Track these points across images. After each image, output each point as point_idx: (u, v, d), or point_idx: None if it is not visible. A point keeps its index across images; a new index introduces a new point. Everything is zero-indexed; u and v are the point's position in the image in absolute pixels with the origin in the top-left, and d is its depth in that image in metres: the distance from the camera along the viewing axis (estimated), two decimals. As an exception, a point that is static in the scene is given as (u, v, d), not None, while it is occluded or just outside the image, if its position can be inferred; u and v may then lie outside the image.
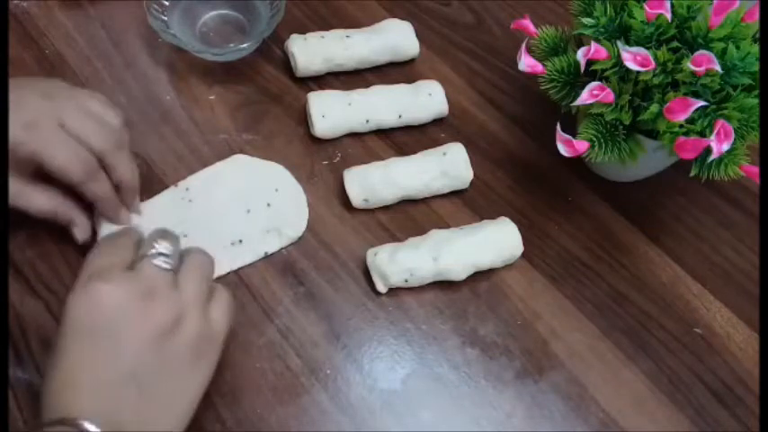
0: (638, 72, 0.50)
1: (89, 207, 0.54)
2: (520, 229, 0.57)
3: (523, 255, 0.58)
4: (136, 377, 0.41)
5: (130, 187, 0.54)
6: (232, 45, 0.66)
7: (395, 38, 0.68)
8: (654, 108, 0.50)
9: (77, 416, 0.38)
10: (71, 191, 0.52)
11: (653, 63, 0.49)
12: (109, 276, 0.42)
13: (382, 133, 0.65)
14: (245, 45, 0.65)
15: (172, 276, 0.44)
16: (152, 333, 0.41)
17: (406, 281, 0.55)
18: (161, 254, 0.44)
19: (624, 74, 0.52)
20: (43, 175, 0.50)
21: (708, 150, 0.48)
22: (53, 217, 0.53)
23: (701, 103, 0.48)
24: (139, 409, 0.41)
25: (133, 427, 0.40)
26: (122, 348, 0.41)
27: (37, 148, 0.48)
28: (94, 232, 0.55)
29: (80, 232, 0.54)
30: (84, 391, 0.40)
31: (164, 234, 0.45)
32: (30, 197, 0.51)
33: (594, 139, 0.52)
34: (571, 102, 0.53)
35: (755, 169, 0.50)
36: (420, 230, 0.58)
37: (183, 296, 0.43)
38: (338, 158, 0.63)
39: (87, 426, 0.38)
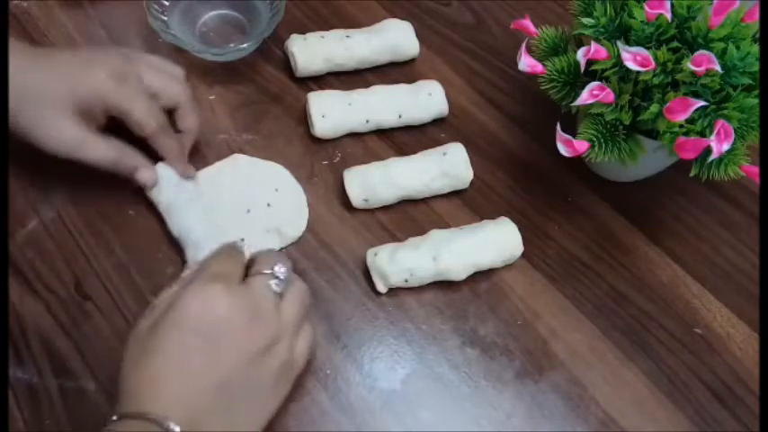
0: (638, 72, 0.50)
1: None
2: (520, 229, 0.57)
3: (523, 255, 0.58)
4: (227, 389, 0.41)
5: (194, 134, 0.58)
6: (232, 45, 0.66)
7: (395, 38, 0.68)
8: (654, 108, 0.50)
9: (164, 415, 0.38)
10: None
11: (653, 63, 0.49)
12: (228, 285, 0.43)
13: (382, 133, 0.65)
14: (245, 45, 0.65)
15: (278, 300, 0.45)
16: (250, 350, 0.42)
17: (406, 281, 0.55)
18: (276, 277, 0.45)
19: (624, 74, 0.52)
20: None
21: (708, 150, 0.48)
22: (114, 166, 0.54)
23: (701, 103, 0.48)
24: (222, 420, 0.41)
25: None
26: (222, 359, 0.41)
27: (124, 100, 0.53)
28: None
29: (147, 174, 0.56)
30: (175, 391, 0.40)
31: (281, 258, 0.47)
32: (91, 147, 0.53)
33: (594, 139, 0.52)
34: (571, 102, 0.53)
35: (755, 169, 0.50)
36: (420, 230, 0.58)
37: (282, 322, 0.45)
38: (338, 158, 0.63)
39: (173, 427, 0.38)
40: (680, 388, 0.53)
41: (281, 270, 0.46)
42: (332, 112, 0.62)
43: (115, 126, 0.55)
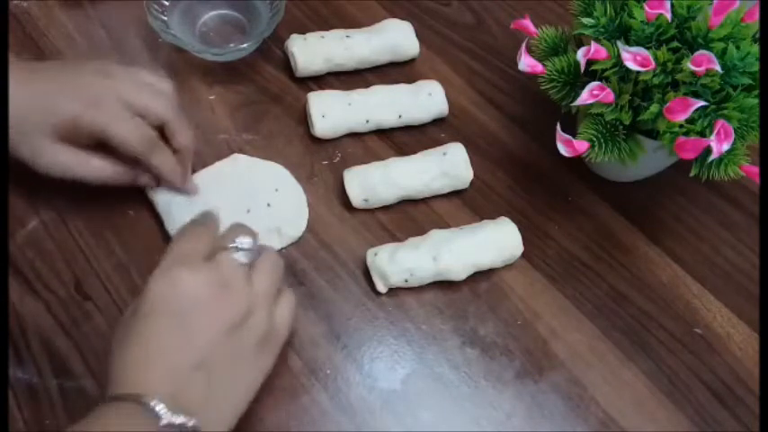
0: (638, 72, 0.50)
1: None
2: (520, 229, 0.57)
3: (523, 255, 0.58)
4: (206, 364, 0.42)
5: (190, 151, 0.56)
6: (232, 45, 0.66)
7: (395, 38, 0.68)
8: (654, 108, 0.50)
9: (147, 394, 0.39)
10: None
11: (653, 63, 0.49)
12: (191, 264, 0.44)
13: (382, 133, 0.65)
14: (245, 45, 0.65)
15: (247, 271, 0.45)
16: (224, 324, 0.43)
17: (406, 281, 0.55)
18: (241, 249, 0.46)
19: (624, 74, 0.52)
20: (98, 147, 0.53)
21: (708, 150, 0.48)
22: (113, 181, 0.54)
23: (701, 103, 0.48)
24: (205, 394, 0.42)
25: (197, 411, 0.41)
26: (196, 335, 0.42)
27: (101, 124, 0.51)
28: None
29: (146, 179, 0.56)
30: (156, 372, 0.41)
31: (244, 229, 0.47)
32: (88, 165, 0.53)
33: (594, 139, 0.52)
34: (571, 102, 0.53)
35: (755, 169, 0.50)
36: (420, 230, 0.58)
37: (255, 292, 0.45)
38: (338, 158, 0.63)
39: (156, 405, 0.39)
40: (680, 388, 0.53)
41: (244, 241, 0.46)
42: (332, 112, 0.62)
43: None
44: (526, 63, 0.55)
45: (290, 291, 0.49)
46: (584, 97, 0.50)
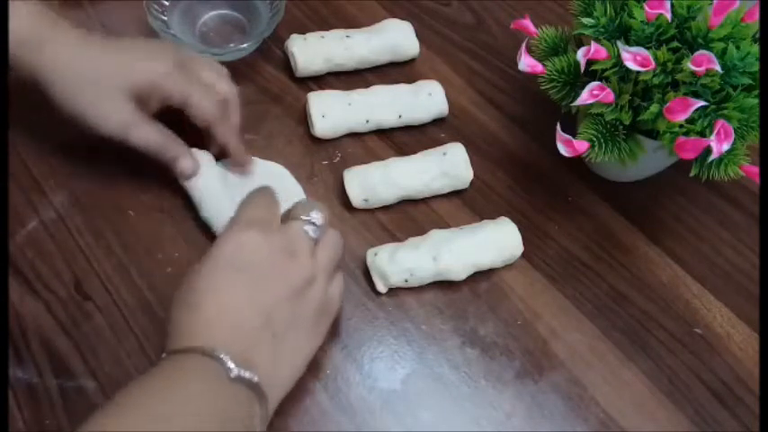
0: (638, 72, 0.50)
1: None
2: (520, 229, 0.57)
3: (523, 255, 0.58)
4: (271, 324, 0.43)
5: (239, 130, 0.59)
6: (232, 45, 0.66)
7: (395, 38, 0.68)
8: (654, 108, 0.50)
9: (217, 348, 0.40)
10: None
11: (653, 63, 0.49)
12: (262, 227, 0.45)
13: (382, 133, 0.65)
14: (245, 45, 0.65)
15: (313, 245, 0.47)
16: (288, 288, 0.44)
17: (406, 281, 0.55)
18: (312, 222, 0.47)
19: (624, 74, 0.52)
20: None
21: (708, 150, 0.48)
22: (158, 151, 0.55)
23: (701, 103, 0.48)
24: (269, 354, 0.43)
25: (261, 369, 0.42)
26: (263, 295, 0.44)
27: (183, 89, 0.54)
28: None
29: (188, 163, 0.56)
30: (225, 328, 0.42)
31: (317, 206, 0.49)
32: (141, 130, 0.54)
33: (594, 139, 0.52)
34: (571, 102, 0.53)
35: (755, 169, 0.50)
36: (420, 230, 0.58)
37: (317, 265, 0.47)
38: (338, 158, 0.63)
39: (225, 359, 0.40)
40: (680, 388, 0.53)
41: (317, 216, 0.48)
42: (332, 112, 0.62)
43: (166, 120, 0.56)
44: (526, 63, 0.55)
45: (341, 273, 0.51)
46: (584, 97, 0.50)
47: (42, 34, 0.52)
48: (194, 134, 0.57)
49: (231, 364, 0.40)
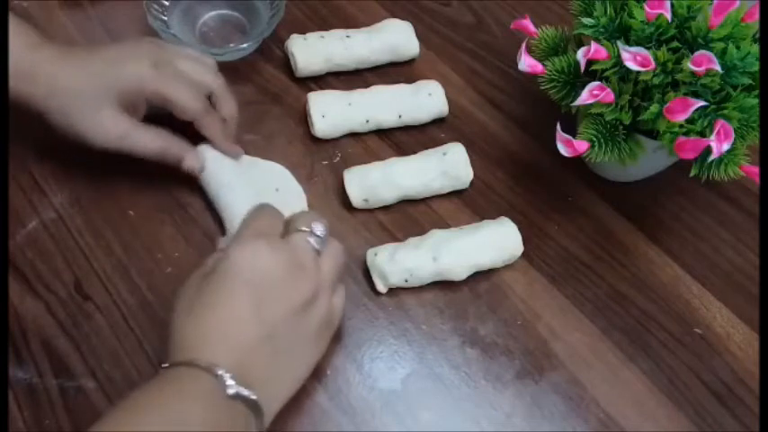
0: (638, 72, 0.50)
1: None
2: (520, 229, 0.57)
3: (523, 255, 0.58)
4: (273, 340, 0.43)
5: (234, 120, 0.59)
6: (232, 45, 0.66)
7: (395, 38, 0.68)
8: (654, 108, 0.50)
9: (217, 364, 0.40)
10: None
11: (653, 63, 0.49)
12: (270, 240, 0.45)
13: (382, 133, 0.65)
14: (245, 45, 0.65)
15: (317, 256, 0.47)
16: (293, 304, 0.44)
17: (406, 281, 0.55)
18: (315, 234, 0.47)
19: (624, 74, 0.52)
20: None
21: (708, 150, 0.48)
22: (161, 155, 0.56)
23: (701, 103, 0.48)
24: (267, 371, 0.43)
25: (258, 385, 0.41)
26: (267, 310, 0.43)
27: (164, 86, 0.54)
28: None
29: (194, 160, 0.57)
30: (224, 342, 0.42)
31: (318, 217, 0.48)
32: (139, 137, 0.55)
33: (594, 139, 0.52)
34: (571, 102, 0.53)
35: (755, 169, 0.50)
36: (420, 230, 0.58)
37: (322, 277, 0.46)
38: (338, 158, 0.63)
39: (225, 376, 0.40)
40: (680, 388, 0.53)
41: (318, 228, 0.47)
42: (332, 112, 0.62)
43: (155, 119, 0.56)
44: (526, 63, 0.55)
45: (342, 284, 0.50)
46: (584, 97, 0.50)
47: (29, 62, 0.52)
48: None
49: (230, 381, 0.40)
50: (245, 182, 0.58)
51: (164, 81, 0.54)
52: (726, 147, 0.48)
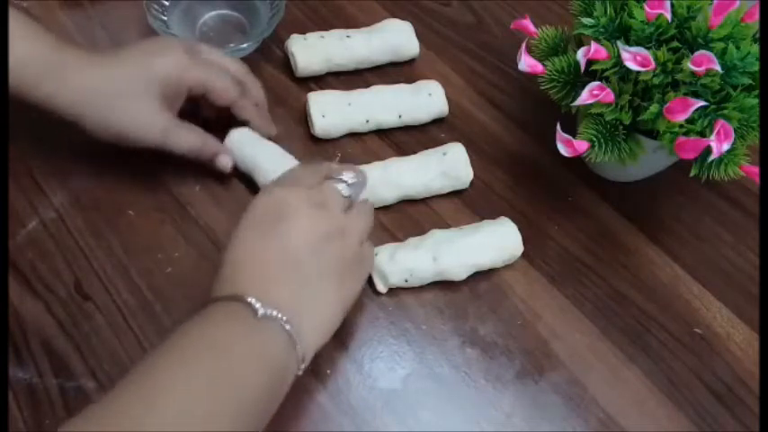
0: (638, 72, 0.50)
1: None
2: (520, 229, 0.57)
3: (523, 255, 0.58)
4: (297, 267, 0.45)
5: (265, 103, 0.62)
6: (232, 45, 0.66)
7: (395, 38, 0.68)
8: (654, 108, 0.50)
9: (244, 293, 0.43)
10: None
11: (653, 63, 0.49)
12: (297, 185, 0.48)
13: (382, 133, 0.65)
14: (245, 45, 0.65)
15: (345, 203, 0.49)
16: (316, 234, 0.46)
17: (406, 281, 0.55)
18: (343, 181, 0.49)
19: (624, 74, 0.52)
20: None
21: (708, 150, 0.48)
22: (198, 153, 0.57)
23: (701, 103, 0.48)
24: (293, 294, 0.44)
25: (287, 312, 0.43)
26: (289, 240, 0.45)
27: (203, 75, 0.56)
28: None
29: (226, 160, 0.59)
30: (248, 271, 0.44)
31: (354, 168, 0.51)
32: (179, 135, 0.56)
33: (594, 139, 0.52)
34: (571, 102, 0.53)
35: (755, 169, 0.50)
36: (420, 230, 0.58)
37: (349, 222, 0.48)
38: (338, 158, 0.63)
39: (251, 300, 0.42)
40: (680, 388, 0.53)
41: (349, 175, 0.49)
42: (332, 112, 0.62)
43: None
44: (526, 63, 0.55)
45: (371, 244, 0.52)
46: (584, 97, 0.50)
47: (56, 65, 0.52)
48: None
49: (257, 305, 0.42)
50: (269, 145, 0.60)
51: (203, 68, 0.56)
52: (726, 147, 0.48)
